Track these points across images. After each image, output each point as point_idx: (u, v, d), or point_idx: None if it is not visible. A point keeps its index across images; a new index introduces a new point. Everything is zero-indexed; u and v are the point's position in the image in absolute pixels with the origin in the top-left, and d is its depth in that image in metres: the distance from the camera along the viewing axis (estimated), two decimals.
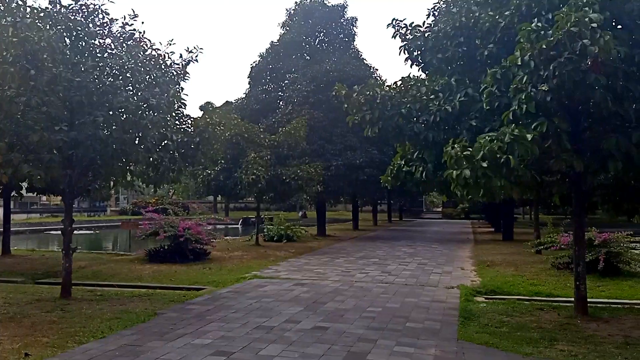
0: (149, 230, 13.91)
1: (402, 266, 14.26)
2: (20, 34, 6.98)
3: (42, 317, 7.65)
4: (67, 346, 6.23)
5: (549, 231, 15.35)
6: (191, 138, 9.85)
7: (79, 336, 6.65)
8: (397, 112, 8.56)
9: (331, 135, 22.84)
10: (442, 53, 9.05)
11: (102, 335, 6.73)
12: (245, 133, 17.00)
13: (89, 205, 51.78)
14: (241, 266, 13.49)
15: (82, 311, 8.10)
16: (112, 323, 7.33)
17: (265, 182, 16.22)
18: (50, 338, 6.53)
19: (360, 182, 22.91)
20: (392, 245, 20.73)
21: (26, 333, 6.73)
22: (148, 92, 8.23)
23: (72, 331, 6.88)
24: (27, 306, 8.42)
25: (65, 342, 6.39)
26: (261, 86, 25.24)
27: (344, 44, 25.63)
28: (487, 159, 6.49)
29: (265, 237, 20.01)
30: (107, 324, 7.26)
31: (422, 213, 62.56)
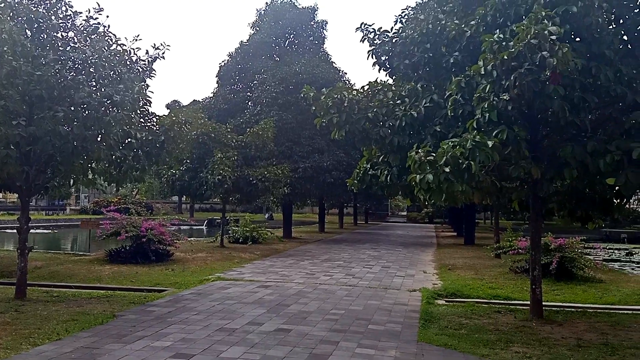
0: (110, 230, 13.59)
1: (366, 269, 14.38)
2: None
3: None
4: (20, 348, 6.03)
5: (508, 236, 15.77)
6: (156, 136, 9.69)
7: (33, 338, 6.45)
8: (364, 116, 8.65)
9: (299, 137, 22.84)
10: (409, 59, 9.19)
11: (58, 337, 6.54)
12: (212, 133, 16.82)
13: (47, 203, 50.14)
14: (205, 268, 13.34)
15: (38, 312, 7.86)
16: (68, 325, 7.14)
17: (232, 183, 16.07)
18: (3, 340, 6.31)
19: (327, 184, 23.01)
20: (357, 248, 20.87)
21: None
22: (112, 88, 8.06)
23: (27, 333, 6.67)
24: None
25: (19, 343, 6.19)
26: (230, 86, 25.05)
27: (313, 46, 25.71)
28: (449, 164, 6.63)
29: (231, 239, 19.83)
30: (63, 326, 7.06)
31: (387, 216, 63.25)
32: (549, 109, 7.15)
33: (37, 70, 7.49)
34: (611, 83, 7.38)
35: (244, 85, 25.15)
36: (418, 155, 6.94)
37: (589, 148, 7.16)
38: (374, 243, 24.28)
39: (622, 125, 7.38)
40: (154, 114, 9.97)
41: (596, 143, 7.20)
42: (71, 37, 8.49)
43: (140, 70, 9.02)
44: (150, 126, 9.75)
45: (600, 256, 20.45)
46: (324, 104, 8.67)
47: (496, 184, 7.64)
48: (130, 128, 8.12)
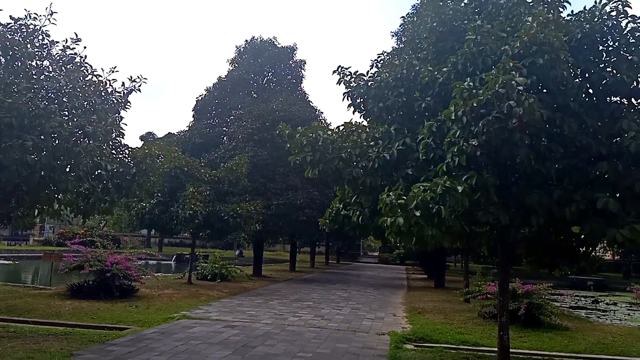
0: (73, 264, 13.13)
1: (335, 310, 14.19)
2: None
3: None
4: None
5: (477, 280, 15.85)
6: (127, 169, 9.54)
7: None
8: (337, 156, 8.72)
9: (274, 174, 22.83)
10: (383, 102, 9.39)
11: None
12: (185, 167, 16.67)
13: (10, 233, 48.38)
14: (170, 305, 12.96)
15: None
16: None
17: (203, 218, 15.85)
18: None
19: (300, 222, 22.90)
20: (328, 289, 20.64)
21: None
22: (85, 119, 7.96)
23: None
24: None
25: None
26: (206, 120, 25.05)
27: (291, 84, 26.07)
28: (420, 208, 6.69)
29: (199, 276, 19.41)
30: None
31: (359, 256, 63.05)
32: (516, 157, 7.33)
33: (8, 97, 7.36)
34: (576, 134, 7.66)
35: (220, 120, 25.20)
36: (389, 198, 7.00)
37: (555, 196, 7.34)
38: (345, 283, 24.08)
39: (587, 175, 7.62)
40: (126, 145, 9.82)
41: (562, 192, 7.39)
42: (46, 66, 8.40)
43: (115, 101, 8.95)
44: (122, 158, 9.61)
45: (567, 303, 20.71)
46: (298, 142, 8.72)
47: (466, 229, 7.73)
48: (100, 159, 7.97)
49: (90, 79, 8.73)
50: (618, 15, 8.01)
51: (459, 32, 9.19)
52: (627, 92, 8.22)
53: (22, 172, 7.52)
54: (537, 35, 7.37)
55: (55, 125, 7.48)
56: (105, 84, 9.01)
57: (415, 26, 10.82)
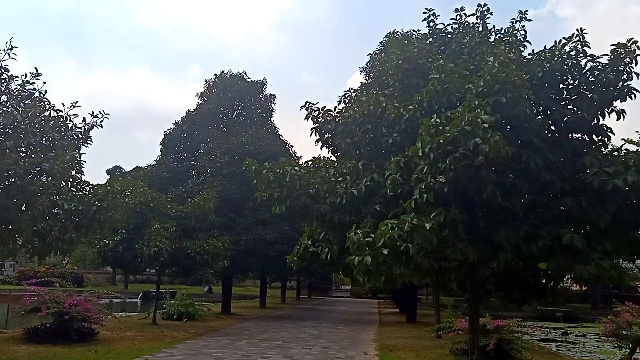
0: (30, 306, 12.45)
1: (305, 350, 13.79)
2: None
3: None
4: None
5: (449, 315, 15.75)
6: (87, 207, 9.22)
7: None
8: (305, 192, 8.62)
9: (243, 209, 22.50)
10: (351, 138, 9.37)
11: None
12: (151, 202, 16.25)
13: None
14: (132, 349, 12.35)
15: None
16: None
17: (169, 255, 15.36)
18: None
19: (270, 258, 22.48)
20: (298, 326, 20.16)
21: None
22: (42, 156, 7.66)
23: None
24: None
25: None
26: (174, 154, 24.66)
27: (261, 118, 26.04)
28: (387, 247, 6.59)
29: (165, 315, 18.72)
30: None
31: (330, 290, 62.37)
32: (483, 193, 7.35)
33: None
34: (541, 170, 7.76)
35: (188, 154, 24.86)
36: (357, 236, 6.89)
37: (522, 232, 7.36)
38: (316, 320, 23.61)
39: (553, 211, 7.68)
40: (87, 182, 9.52)
41: (528, 227, 7.43)
42: (3, 101, 8.11)
43: (75, 137, 8.69)
44: (82, 195, 9.29)
45: (536, 336, 20.74)
46: (265, 178, 8.60)
47: (434, 266, 7.65)
48: (58, 198, 7.65)
49: (49, 114, 8.47)
50: (577, 54, 8.28)
51: (423, 69, 9.33)
52: (588, 129, 8.45)
53: None
54: (499, 74, 7.52)
55: (10, 163, 7.16)
56: (65, 119, 8.76)
57: (381, 62, 11.00)
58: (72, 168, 7.82)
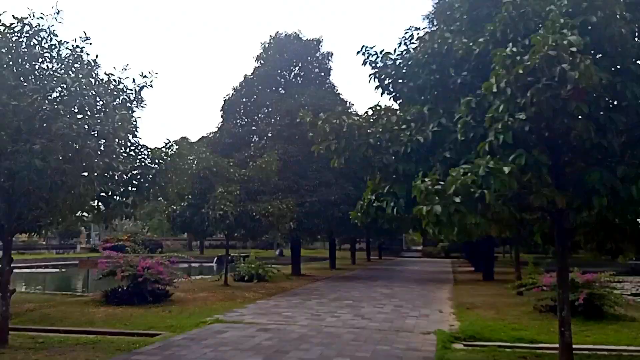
0: (106, 270, 12.90)
1: (377, 309, 13.44)
2: None
3: None
4: None
5: (530, 271, 14.75)
6: (146, 170, 9.12)
7: None
8: (365, 142, 7.99)
9: (305, 171, 22.21)
10: (414, 81, 8.59)
11: None
12: (213, 167, 16.26)
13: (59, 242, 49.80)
14: (204, 309, 12.52)
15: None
16: None
17: (234, 218, 15.38)
18: None
19: (336, 219, 22.17)
20: (369, 286, 19.89)
21: None
22: (94, 119, 7.52)
23: None
24: None
25: None
26: (234, 120, 24.66)
27: (319, 78, 25.38)
28: (460, 194, 5.89)
29: (236, 277, 19.02)
30: None
31: (401, 251, 61.76)
32: (571, 131, 6.40)
33: (13, 100, 6.97)
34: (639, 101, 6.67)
35: (248, 119, 24.75)
36: (424, 184, 6.22)
37: (620, 173, 6.37)
38: (387, 280, 23.24)
39: None
40: (144, 146, 9.42)
41: (627, 167, 6.43)
42: (54, 67, 8.01)
43: (127, 99, 8.50)
44: (141, 159, 9.19)
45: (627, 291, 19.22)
46: (321, 130, 8.03)
47: (515, 215, 6.85)
48: (112, 160, 7.50)
49: (100, 77, 8.33)
50: None
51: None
52: None
53: (33, 177, 7.15)
54: None
55: (63, 127, 7.05)
56: (117, 82, 8.58)
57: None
58: (124, 130, 7.60)
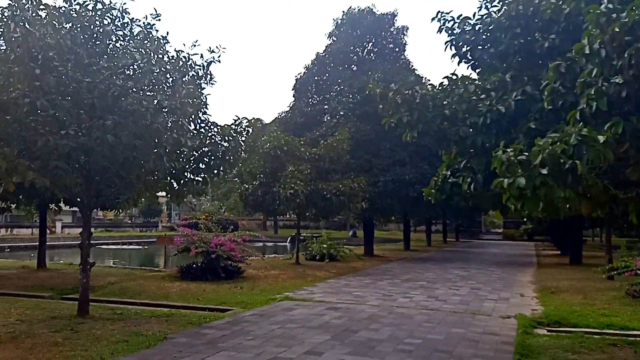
0: (181, 246, 13.31)
1: (452, 290, 12.90)
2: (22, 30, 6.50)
3: (47, 337, 7.03)
4: None
5: (623, 254, 13.52)
6: (215, 147, 9.16)
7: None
8: (440, 114, 7.49)
9: (378, 150, 21.73)
10: (495, 47, 7.99)
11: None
12: (284, 146, 16.23)
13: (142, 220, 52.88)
14: (275, 286, 12.59)
15: (92, 332, 7.43)
16: (116, 347, 6.60)
17: (305, 197, 15.31)
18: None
19: (411, 199, 21.58)
20: (444, 268, 19.24)
21: (21, 356, 6.09)
22: (163, 94, 7.57)
23: (71, 355, 6.18)
24: (38, 324, 7.86)
25: None
26: (306, 99, 24.55)
27: (393, 54, 24.61)
28: (547, 165, 5.29)
29: (308, 256, 19.07)
30: (110, 348, 6.53)
31: (480, 234, 59.57)
32: None
33: (86, 77, 7.14)
34: None
35: (320, 98, 24.54)
36: (506, 154, 5.66)
37: None
38: (464, 262, 22.40)
39: None
40: (214, 123, 9.45)
41: None
42: (125, 44, 8.14)
43: (196, 75, 8.50)
44: (211, 136, 9.23)
45: None
46: (392, 102, 7.61)
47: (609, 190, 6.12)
48: (180, 135, 7.53)
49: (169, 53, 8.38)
50: None
51: None
52: None
53: (106, 153, 7.32)
54: None
55: (133, 102, 7.14)
56: (186, 59, 8.59)
57: None
58: (191, 105, 7.58)
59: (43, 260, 14.41)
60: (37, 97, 6.80)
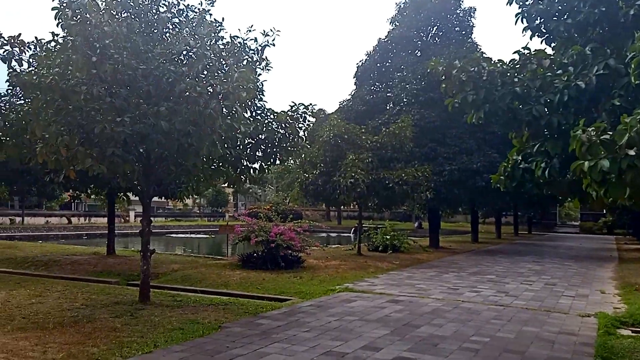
0: (241, 235, 13.33)
1: (524, 285, 12.08)
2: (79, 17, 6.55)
3: (107, 322, 7.14)
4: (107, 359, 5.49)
5: None
6: (271, 134, 8.96)
7: (129, 348, 5.94)
8: (509, 92, 6.82)
9: (444, 137, 20.86)
10: (573, 17, 7.20)
11: (151, 349, 5.93)
12: (345, 134, 15.85)
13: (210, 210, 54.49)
14: (335, 277, 12.32)
15: (151, 318, 7.48)
16: (171, 335, 6.57)
17: (365, 186, 14.89)
18: (100, 348, 5.88)
19: (478, 189, 20.58)
20: (515, 261, 18.21)
21: (79, 340, 6.16)
22: (217, 80, 7.42)
23: (127, 341, 6.19)
24: (100, 309, 8.03)
25: (112, 353, 5.69)
26: (367, 86, 23.97)
27: (459, 37, 23.47)
28: (635, 145, 4.61)
29: (370, 247, 18.66)
30: (166, 335, 6.51)
31: (555, 226, 56.47)
32: None
33: (141, 64, 7.12)
34: None
35: (382, 85, 23.87)
36: (587, 134, 5.01)
37: None
38: (537, 255, 21.14)
39: None
40: (271, 110, 9.25)
41: None
42: (180, 30, 8.08)
43: (250, 60, 8.31)
44: (267, 123, 9.04)
45: None
46: (456, 80, 7.03)
47: None
48: (234, 121, 7.36)
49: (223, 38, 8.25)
50: None
51: None
52: None
53: (161, 140, 7.29)
54: None
55: (187, 88, 7.04)
56: (241, 44, 8.42)
57: None
58: (245, 90, 7.37)
59: (112, 247, 14.95)
60: (94, 85, 6.85)
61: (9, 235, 26.85)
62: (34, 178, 13.36)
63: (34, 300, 8.51)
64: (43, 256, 14.47)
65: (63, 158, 6.90)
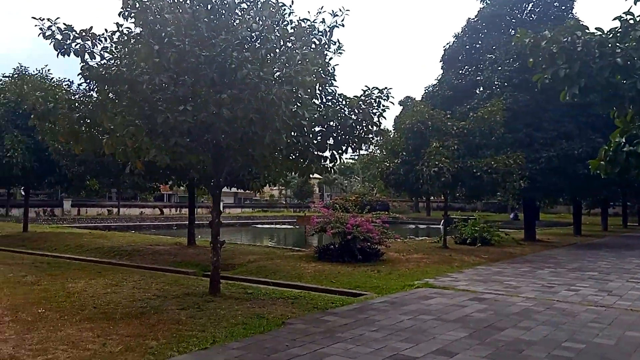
0: (317, 226, 13.04)
1: (630, 284, 10.69)
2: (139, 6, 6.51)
3: (173, 314, 7.12)
4: (165, 354, 5.38)
5: None
6: (345, 120, 8.50)
7: (187, 343, 5.80)
8: (609, 64, 5.85)
9: (540, 121, 19.16)
10: None
11: (207, 345, 5.75)
12: (428, 120, 14.97)
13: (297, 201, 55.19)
14: (415, 271, 11.66)
15: (217, 311, 7.37)
16: (232, 330, 6.38)
17: (451, 175, 13.96)
18: (159, 342, 5.81)
19: (580, 177, 18.69)
20: (622, 256, 16.35)
21: (141, 333, 6.13)
22: (281, 65, 7.10)
23: (187, 335, 6.08)
24: (170, 300, 8.07)
25: (170, 348, 5.58)
26: (455, 70, 22.64)
27: (558, 13, 21.41)
28: None
29: (457, 240, 17.65)
30: (227, 331, 6.33)
31: None
32: None
33: (204, 51, 6.97)
34: None
35: (472, 68, 22.42)
36: None
37: None
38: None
39: None
40: (342, 95, 8.80)
41: None
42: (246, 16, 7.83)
43: (320, 42, 7.89)
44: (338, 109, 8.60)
45: None
46: (546, 52, 6.14)
47: None
48: (297, 107, 6.99)
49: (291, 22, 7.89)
50: None
51: None
52: None
53: (224, 128, 7.11)
54: None
55: (248, 74, 6.77)
56: (311, 27, 8.03)
57: None
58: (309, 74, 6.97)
59: (192, 237, 15.32)
60: (157, 74, 6.79)
61: (106, 225, 28.94)
62: (114, 171, 13.88)
63: (109, 290, 8.77)
64: (128, 246, 15.14)
65: (129, 149, 6.94)
